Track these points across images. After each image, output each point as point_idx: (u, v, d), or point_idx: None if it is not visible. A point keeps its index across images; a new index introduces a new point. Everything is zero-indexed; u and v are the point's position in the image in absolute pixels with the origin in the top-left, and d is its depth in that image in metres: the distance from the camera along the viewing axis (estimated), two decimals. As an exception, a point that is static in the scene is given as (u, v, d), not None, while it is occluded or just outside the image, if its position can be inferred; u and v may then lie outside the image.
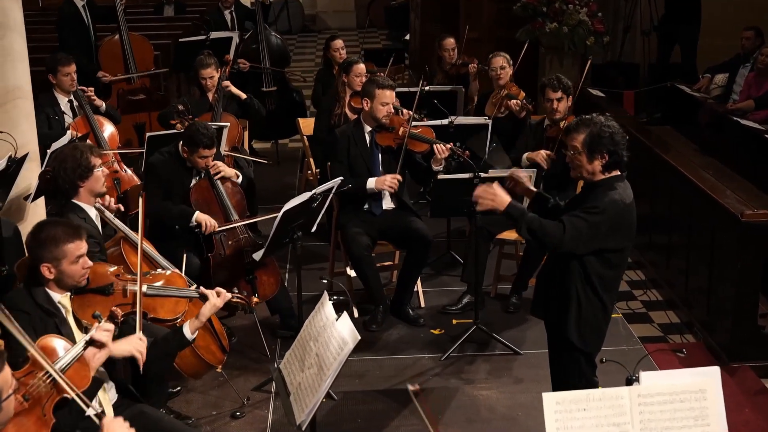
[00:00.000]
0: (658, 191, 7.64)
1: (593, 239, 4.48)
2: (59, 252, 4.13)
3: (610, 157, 4.48)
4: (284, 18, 18.52)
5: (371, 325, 6.53)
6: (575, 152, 4.51)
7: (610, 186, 4.52)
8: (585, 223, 4.46)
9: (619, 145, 4.50)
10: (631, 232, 4.58)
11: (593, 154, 4.48)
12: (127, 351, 4.12)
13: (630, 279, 7.73)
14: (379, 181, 6.43)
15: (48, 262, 4.13)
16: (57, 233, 4.16)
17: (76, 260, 4.18)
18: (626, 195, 4.54)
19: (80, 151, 5.18)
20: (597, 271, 4.57)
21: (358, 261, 6.44)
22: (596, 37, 10.12)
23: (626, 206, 4.51)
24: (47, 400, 3.70)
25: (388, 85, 6.44)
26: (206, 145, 6.07)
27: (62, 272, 4.16)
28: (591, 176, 4.55)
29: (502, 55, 8.01)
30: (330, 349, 3.97)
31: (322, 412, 5.55)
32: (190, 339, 4.44)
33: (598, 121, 4.52)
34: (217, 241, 6.13)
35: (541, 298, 4.90)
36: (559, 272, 4.67)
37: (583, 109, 9.72)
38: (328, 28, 19.06)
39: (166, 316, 4.51)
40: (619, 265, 4.66)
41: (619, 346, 6.30)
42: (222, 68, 7.95)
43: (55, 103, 7.40)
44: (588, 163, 4.51)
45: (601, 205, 4.45)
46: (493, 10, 10.88)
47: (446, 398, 5.70)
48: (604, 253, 4.54)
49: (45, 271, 4.14)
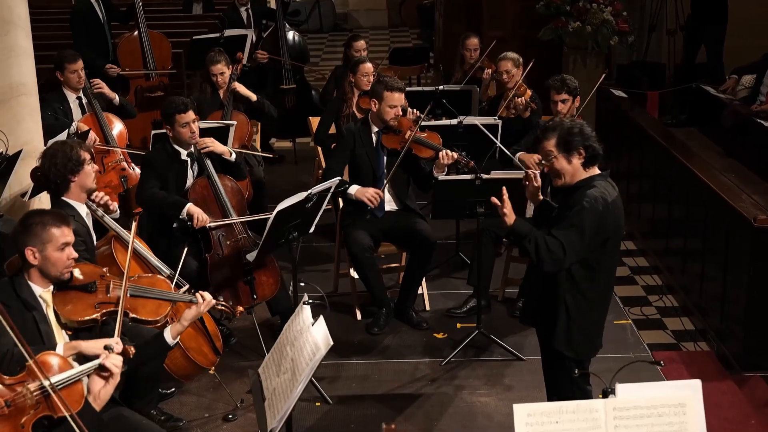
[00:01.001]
0: (675, 194, 7.47)
1: (586, 246, 4.39)
2: (45, 235, 4.10)
3: (587, 152, 4.42)
4: (315, 16, 18.48)
5: (373, 328, 6.43)
6: (551, 158, 4.46)
7: (589, 185, 4.43)
8: (577, 233, 4.37)
9: (591, 138, 4.44)
10: (616, 229, 4.47)
11: (569, 152, 4.42)
12: (99, 351, 4.04)
13: (646, 284, 7.57)
14: (361, 191, 6.32)
15: (33, 246, 4.10)
16: (44, 218, 4.15)
17: (62, 247, 4.13)
18: (608, 192, 4.44)
19: (70, 146, 5.13)
20: (582, 274, 4.47)
21: (359, 262, 6.34)
22: (620, 37, 9.93)
23: (608, 204, 4.40)
24: (30, 413, 3.62)
25: (397, 88, 6.31)
26: (180, 110, 5.97)
27: (46, 258, 4.12)
28: (573, 178, 4.47)
29: (510, 58, 7.81)
30: (304, 354, 3.87)
31: (315, 416, 5.50)
32: (171, 344, 4.35)
33: (563, 121, 4.50)
34: (216, 240, 6.06)
35: (530, 305, 4.79)
36: (544, 279, 4.57)
37: (605, 110, 9.63)
38: (360, 26, 18.97)
39: (147, 317, 4.43)
40: (604, 267, 4.52)
41: (625, 353, 6.14)
42: (234, 66, 7.88)
43: (64, 101, 7.36)
44: (567, 163, 4.44)
45: (585, 205, 4.35)
46: (517, 9, 10.72)
47: (443, 404, 5.58)
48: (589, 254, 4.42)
49: (29, 255, 4.10)
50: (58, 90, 7.40)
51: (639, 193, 8.46)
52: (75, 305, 4.21)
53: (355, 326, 6.55)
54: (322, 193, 5.67)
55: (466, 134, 6.94)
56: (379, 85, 6.34)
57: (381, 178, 6.43)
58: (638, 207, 8.45)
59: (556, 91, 6.65)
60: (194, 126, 6.06)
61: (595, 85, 9.85)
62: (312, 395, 5.65)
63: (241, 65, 8.19)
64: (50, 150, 5.15)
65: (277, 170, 9.80)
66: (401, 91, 6.33)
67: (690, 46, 10.04)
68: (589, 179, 4.46)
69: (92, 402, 3.75)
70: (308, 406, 5.59)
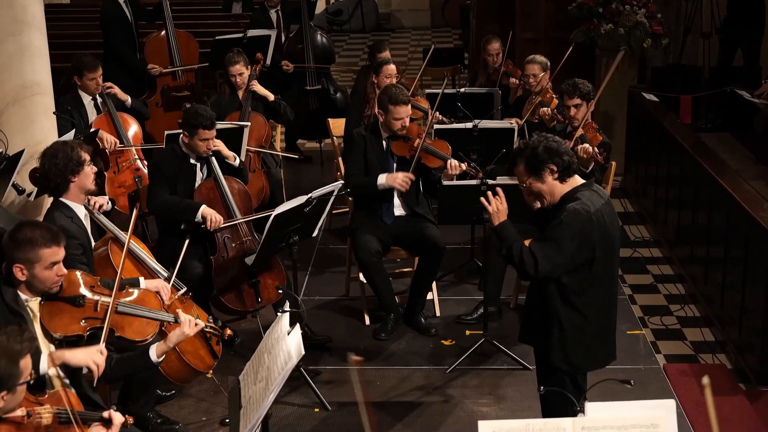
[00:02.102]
0: (700, 201, 7.30)
1: (569, 259, 4.27)
2: (34, 255, 4.04)
3: (558, 166, 4.31)
4: (358, 16, 18.45)
5: (380, 334, 6.36)
6: (525, 184, 4.39)
7: (571, 198, 4.33)
8: (553, 247, 4.27)
9: (557, 151, 4.33)
10: (603, 240, 4.33)
11: (540, 173, 4.33)
12: (83, 361, 4.01)
13: (669, 293, 7.41)
14: (391, 177, 6.24)
15: (21, 264, 4.05)
16: (35, 236, 4.06)
17: (51, 266, 4.08)
18: (592, 203, 4.32)
19: (71, 146, 5.12)
20: (573, 288, 4.35)
21: (366, 267, 6.27)
22: (654, 39, 9.72)
23: (591, 215, 4.28)
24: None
25: (401, 101, 6.21)
26: (206, 126, 5.94)
27: (34, 276, 4.07)
28: (553, 196, 4.38)
29: (537, 62, 7.71)
30: (277, 363, 3.81)
31: (312, 422, 5.45)
32: (155, 362, 4.29)
33: (527, 144, 4.41)
34: (221, 242, 6.02)
35: (527, 323, 4.68)
36: (537, 295, 4.48)
37: (636, 113, 9.44)
38: (402, 26, 18.93)
39: (133, 337, 4.38)
40: (597, 278, 4.39)
41: (635, 365, 6.00)
42: (253, 66, 7.85)
43: (80, 103, 7.39)
44: (541, 184, 4.35)
45: (564, 219, 4.25)
46: (550, 9, 10.55)
47: (442, 413, 5.49)
48: (577, 268, 4.29)
49: (17, 272, 4.06)
50: (74, 92, 7.42)
51: (666, 199, 8.28)
52: (61, 318, 4.17)
53: (362, 331, 6.48)
54: (324, 197, 5.60)
55: (480, 138, 6.83)
56: (384, 96, 6.27)
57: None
58: (665, 213, 8.28)
59: (568, 95, 6.51)
60: (212, 143, 6.04)
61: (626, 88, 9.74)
62: (312, 401, 5.60)
63: (260, 66, 8.15)
64: (50, 150, 5.13)
65: (304, 171, 9.77)
66: (405, 104, 6.23)
67: (726, 48, 9.78)
68: (571, 192, 4.36)
69: None
70: (307, 412, 5.54)
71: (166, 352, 4.31)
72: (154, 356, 4.26)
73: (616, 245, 4.46)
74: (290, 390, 5.72)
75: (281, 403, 5.60)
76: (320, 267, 7.48)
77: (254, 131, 7.62)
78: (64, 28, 12.43)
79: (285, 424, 5.42)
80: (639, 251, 8.16)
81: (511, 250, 4.34)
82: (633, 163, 9.53)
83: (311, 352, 6.12)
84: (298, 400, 5.65)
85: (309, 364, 5.95)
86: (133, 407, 5.30)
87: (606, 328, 4.52)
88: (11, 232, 4.11)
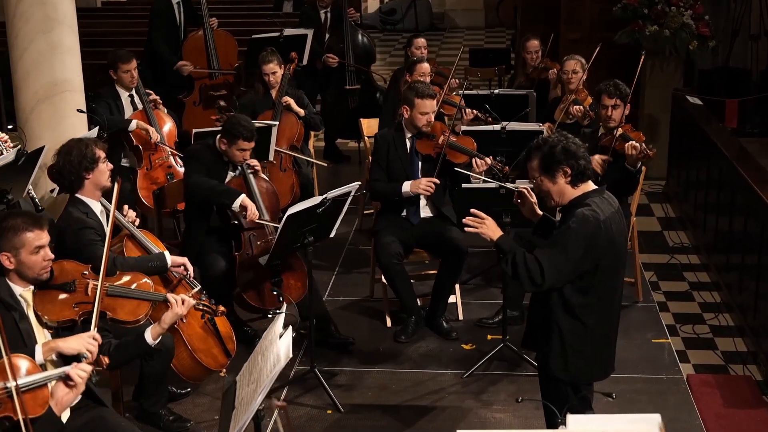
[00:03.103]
0: (736, 208, 7.12)
1: (575, 267, 4.18)
2: (18, 240, 4.10)
3: (572, 169, 4.22)
4: (411, 16, 18.39)
5: (400, 336, 6.30)
6: (537, 180, 4.31)
7: (581, 203, 4.22)
8: (560, 254, 4.17)
9: (575, 154, 4.23)
10: (609, 249, 4.22)
11: (553, 172, 4.24)
12: (76, 349, 4.03)
13: (703, 301, 7.25)
14: (414, 184, 6.19)
15: (7, 251, 4.11)
16: (16, 222, 4.13)
17: (36, 250, 4.13)
18: (602, 210, 4.21)
19: (85, 143, 5.16)
20: (576, 297, 4.24)
21: (386, 269, 6.23)
22: (700, 42, 9.51)
23: (600, 222, 4.17)
24: None
25: (428, 95, 6.17)
26: (246, 138, 5.97)
27: (21, 262, 4.13)
28: (562, 198, 4.29)
29: (576, 59, 7.62)
30: (267, 365, 3.78)
31: (323, 424, 5.43)
32: (151, 344, 4.33)
33: (546, 140, 4.31)
34: (246, 240, 6.03)
35: (529, 329, 4.60)
36: (539, 301, 4.39)
37: (679, 117, 9.25)
38: (456, 26, 18.84)
39: (125, 318, 4.41)
40: (600, 288, 4.27)
41: (656, 374, 5.87)
42: (286, 65, 7.85)
43: (117, 97, 7.46)
44: (552, 184, 4.27)
45: (572, 225, 4.15)
46: (595, 10, 10.40)
47: (454, 419, 5.41)
48: (581, 276, 4.19)
49: (4, 260, 4.12)
50: (111, 87, 7.50)
51: (705, 205, 8.10)
52: (54, 305, 4.22)
53: (383, 333, 6.43)
54: (340, 198, 5.56)
55: (509, 140, 6.74)
56: (410, 91, 6.22)
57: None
58: (704, 219, 8.10)
59: (608, 95, 6.39)
60: (248, 154, 6.07)
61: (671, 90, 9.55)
62: (325, 402, 5.57)
63: (294, 65, 8.15)
64: (65, 147, 5.17)
65: (342, 171, 9.76)
66: (432, 97, 6.18)
67: (775, 51, 9.57)
68: (582, 197, 4.26)
69: (53, 407, 3.74)
70: (319, 413, 5.51)
71: (161, 334, 4.35)
72: (149, 339, 4.32)
73: (622, 255, 4.35)
74: (304, 391, 5.70)
75: (294, 404, 5.59)
76: (348, 267, 7.46)
77: (286, 130, 7.64)
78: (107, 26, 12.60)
79: (296, 426, 5.38)
80: (677, 257, 7.99)
81: (515, 259, 4.24)
82: (676, 167, 9.35)
83: (330, 353, 6.14)
84: (311, 401, 5.62)
85: (326, 365, 5.94)
86: (145, 404, 5.35)
87: (607, 339, 4.41)
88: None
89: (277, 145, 7.45)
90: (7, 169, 5.39)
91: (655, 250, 8.16)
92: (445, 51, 16.58)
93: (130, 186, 7.26)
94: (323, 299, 6.80)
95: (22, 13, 6.45)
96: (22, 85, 6.57)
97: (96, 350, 4.05)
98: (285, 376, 5.86)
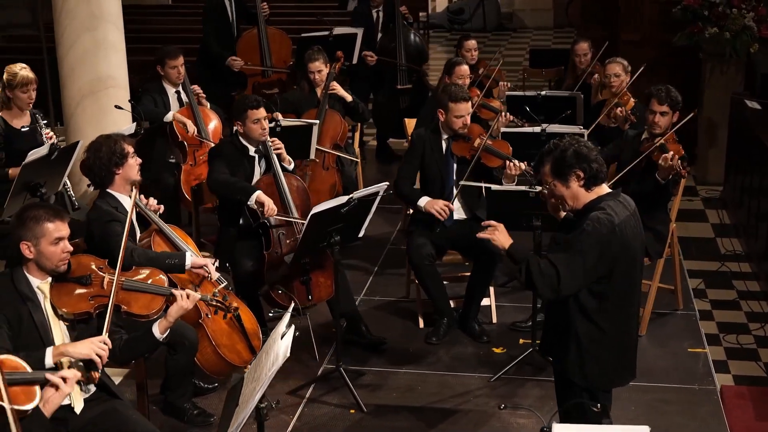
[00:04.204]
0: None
1: (591, 271, 4.11)
2: (39, 230, 4.17)
3: (585, 173, 4.16)
4: (479, 15, 18.29)
5: (431, 338, 6.27)
6: (550, 186, 4.26)
7: (595, 207, 4.16)
8: (576, 257, 4.11)
9: (587, 158, 4.17)
10: (624, 253, 4.15)
11: (565, 176, 4.19)
12: (85, 354, 4.07)
13: (750, 310, 7.09)
14: (430, 203, 6.16)
15: (28, 241, 4.18)
16: (38, 213, 4.21)
17: (56, 242, 4.20)
18: (616, 213, 4.14)
19: (114, 139, 5.23)
20: (591, 302, 4.19)
21: (417, 270, 6.21)
22: (761, 44, 9.27)
23: (614, 226, 4.10)
24: None
25: (462, 98, 6.13)
26: (252, 106, 6.01)
27: (41, 252, 4.19)
28: (576, 202, 4.23)
29: (619, 62, 7.49)
30: (267, 364, 3.79)
31: (345, 423, 5.43)
32: (159, 338, 4.37)
33: (558, 144, 4.25)
34: (275, 238, 6.06)
35: (546, 335, 4.54)
36: (556, 307, 4.34)
37: (737, 121, 9.03)
38: (525, 26, 18.68)
39: (139, 312, 4.45)
40: (615, 292, 4.20)
41: (689, 384, 5.73)
42: (332, 64, 7.87)
43: (164, 92, 7.57)
44: (565, 188, 4.21)
45: (587, 228, 4.09)
46: (655, 11, 10.20)
47: (477, 423, 5.37)
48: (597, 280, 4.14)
49: (25, 249, 4.19)
50: (158, 83, 7.61)
51: (758, 212, 7.89)
52: (70, 297, 4.28)
53: (415, 334, 6.40)
54: (367, 199, 5.56)
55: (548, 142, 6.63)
56: (444, 95, 6.19)
57: (450, 187, 6.27)
58: (756, 226, 7.89)
59: (659, 101, 6.22)
60: (265, 123, 6.10)
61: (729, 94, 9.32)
62: (349, 402, 5.57)
63: (340, 64, 8.17)
64: (95, 143, 5.26)
65: (394, 170, 9.72)
66: (466, 100, 6.14)
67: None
68: (596, 200, 4.19)
69: (42, 407, 3.78)
70: (342, 413, 5.51)
71: (168, 328, 4.39)
72: (157, 333, 4.36)
73: (638, 259, 4.27)
74: (329, 389, 5.71)
75: (318, 402, 5.61)
76: (387, 267, 7.45)
77: (330, 129, 7.66)
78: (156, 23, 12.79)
79: (318, 424, 5.40)
80: (727, 265, 7.82)
81: (530, 266, 4.18)
82: (733, 172, 9.13)
83: (360, 353, 6.13)
84: (335, 400, 5.63)
85: (354, 365, 5.95)
86: (171, 397, 5.42)
87: (624, 344, 4.32)
88: (18, 214, 4.28)
89: (321, 144, 7.48)
90: (41, 163, 5.50)
91: (705, 257, 7.99)
92: (510, 51, 16.44)
93: (174, 181, 7.36)
94: (359, 298, 6.82)
95: (69, 11, 6.60)
96: (68, 81, 6.73)
97: (106, 355, 4.09)
98: (312, 374, 5.89)
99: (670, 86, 6.32)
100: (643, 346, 6.20)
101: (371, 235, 8.01)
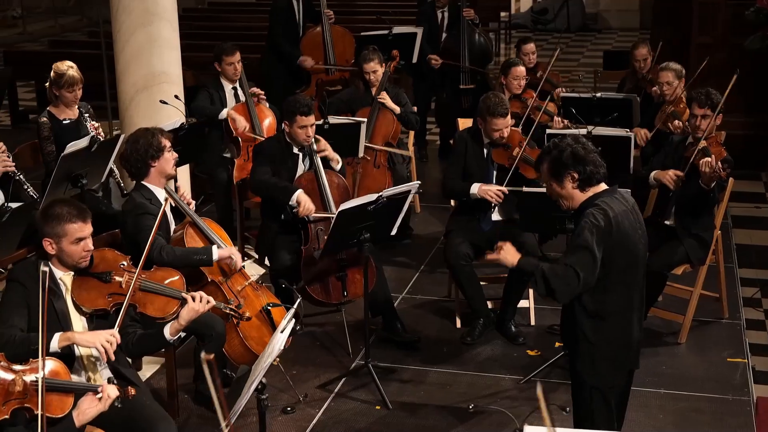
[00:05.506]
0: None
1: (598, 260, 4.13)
2: (61, 230, 4.31)
3: (580, 175, 4.21)
4: (563, 16, 18.13)
5: (467, 338, 6.27)
6: (547, 184, 4.32)
7: (590, 205, 4.21)
8: (585, 252, 4.13)
9: (583, 159, 4.21)
10: (622, 245, 4.17)
11: (560, 177, 4.25)
12: (91, 343, 4.20)
13: (800, 320, 6.89)
14: (483, 189, 6.15)
15: (50, 238, 4.33)
16: (62, 212, 4.32)
17: (77, 242, 4.32)
18: (612, 206, 4.17)
19: (152, 132, 5.36)
20: (589, 298, 4.23)
21: (454, 270, 6.23)
22: (835, 48, 9.00)
23: (609, 218, 4.12)
24: (14, 399, 3.86)
25: (499, 113, 6.12)
26: (303, 113, 6.08)
27: (62, 250, 4.33)
28: (572, 202, 4.30)
29: (671, 69, 7.33)
30: (265, 357, 3.86)
31: (369, 419, 5.48)
32: (169, 340, 4.45)
33: (557, 144, 4.29)
34: (313, 234, 6.13)
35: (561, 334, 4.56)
36: (565, 312, 4.39)
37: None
38: (610, 27, 18.44)
39: (154, 314, 4.53)
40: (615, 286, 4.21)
41: (723, 395, 5.61)
42: (388, 63, 7.92)
43: (220, 88, 7.72)
44: (560, 188, 4.28)
45: (584, 224, 4.13)
46: (729, 14, 9.96)
47: (498, 424, 5.35)
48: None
49: (47, 245, 4.34)
50: (216, 79, 7.78)
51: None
52: (89, 293, 4.39)
53: (451, 334, 6.41)
54: (398, 197, 5.58)
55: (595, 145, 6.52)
56: (483, 106, 6.19)
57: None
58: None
59: (699, 104, 6.14)
60: (311, 130, 6.17)
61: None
62: (376, 398, 5.61)
63: (395, 63, 8.20)
64: (134, 135, 5.40)
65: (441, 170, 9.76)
66: (503, 116, 6.14)
67: None
68: (592, 198, 4.24)
69: (75, 417, 3.93)
70: (368, 408, 5.56)
71: (179, 331, 4.46)
72: (167, 334, 4.43)
73: (639, 254, 4.28)
74: (359, 385, 5.76)
75: (345, 397, 5.66)
76: (433, 266, 7.46)
77: (382, 128, 7.71)
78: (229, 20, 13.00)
79: (342, 419, 5.45)
80: (787, 275, 7.61)
81: (545, 274, 4.20)
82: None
83: (394, 350, 6.17)
84: (362, 395, 5.67)
85: (389, 362, 5.99)
86: (201, 386, 5.54)
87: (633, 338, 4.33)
88: (43, 209, 4.41)
89: (372, 142, 7.55)
90: (81, 154, 5.67)
91: (763, 265, 7.78)
92: (591, 52, 16.27)
93: (227, 176, 7.51)
94: (401, 296, 6.86)
95: (125, 7, 6.77)
96: (123, 76, 6.89)
97: (111, 349, 4.18)
98: (344, 368, 5.95)
99: (710, 89, 6.22)
100: (681, 353, 6.12)
101: (422, 234, 8.06)
